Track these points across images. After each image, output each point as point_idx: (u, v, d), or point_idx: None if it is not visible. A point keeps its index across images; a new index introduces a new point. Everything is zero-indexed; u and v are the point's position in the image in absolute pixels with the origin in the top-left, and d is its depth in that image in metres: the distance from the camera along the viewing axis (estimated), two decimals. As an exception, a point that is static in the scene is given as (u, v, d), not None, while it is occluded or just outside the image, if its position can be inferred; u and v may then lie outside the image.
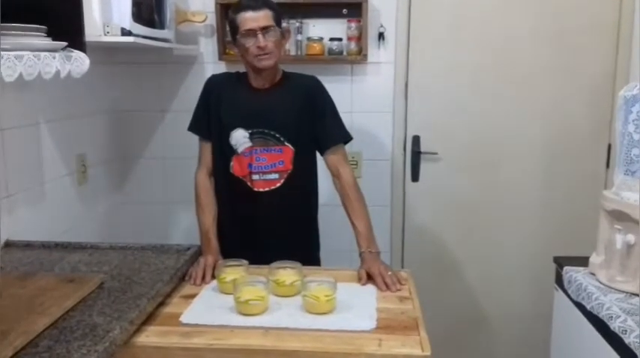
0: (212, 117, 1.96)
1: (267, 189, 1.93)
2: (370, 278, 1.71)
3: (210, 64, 2.76)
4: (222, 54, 2.67)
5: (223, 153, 1.95)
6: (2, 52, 1.33)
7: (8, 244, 1.86)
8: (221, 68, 2.73)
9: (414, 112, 2.76)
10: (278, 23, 1.87)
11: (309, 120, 1.95)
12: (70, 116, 2.35)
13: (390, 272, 1.70)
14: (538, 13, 2.65)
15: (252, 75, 1.94)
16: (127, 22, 2.04)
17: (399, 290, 1.65)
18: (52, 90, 2.15)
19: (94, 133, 2.60)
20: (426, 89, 2.74)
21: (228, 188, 1.97)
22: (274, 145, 1.92)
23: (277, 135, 1.91)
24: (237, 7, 1.86)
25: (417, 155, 2.77)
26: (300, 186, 1.98)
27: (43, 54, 1.46)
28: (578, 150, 2.74)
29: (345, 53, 2.65)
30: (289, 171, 1.93)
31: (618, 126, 1.64)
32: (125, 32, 2.04)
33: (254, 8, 1.81)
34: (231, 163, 1.94)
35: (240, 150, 1.92)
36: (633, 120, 1.59)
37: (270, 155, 1.92)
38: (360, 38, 2.62)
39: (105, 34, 1.99)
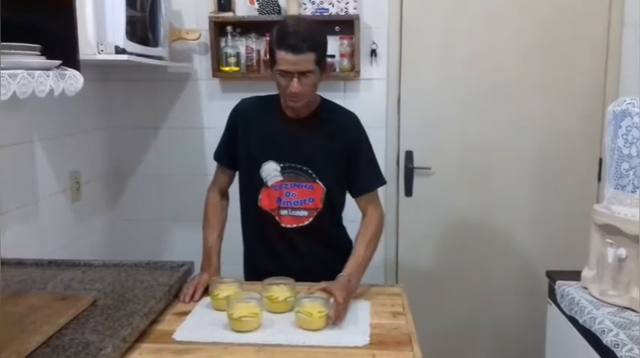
0: (240, 147, 1.86)
1: (294, 225, 1.84)
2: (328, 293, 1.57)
3: (204, 81, 2.78)
4: (216, 71, 2.68)
5: (252, 184, 1.85)
6: (-4, 71, 1.34)
7: (1, 262, 1.85)
8: (215, 85, 2.76)
9: (406, 128, 2.78)
10: (320, 62, 1.70)
11: (344, 162, 1.83)
12: (64, 133, 2.36)
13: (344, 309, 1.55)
14: (527, 28, 2.68)
15: (285, 104, 1.80)
16: (121, 40, 2.06)
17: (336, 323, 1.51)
18: (46, 108, 2.16)
19: (88, 150, 2.61)
20: (418, 104, 2.76)
21: (256, 220, 1.89)
22: (305, 181, 1.82)
23: (310, 171, 1.81)
24: (280, 40, 1.65)
25: (410, 170, 2.79)
26: (329, 225, 1.89)
27: (37, 72, 1.47)
28: (569, 165, 2.76)
29: (337, 70, 2.67)
30: (319, 210, 1.84)
31: (607, 141, 1.66)
32: (119, 50, 2.05)
33: (295, 51, 1.62)
34: (260, 196, 1.84)
35: (270, 183, 1.82)
36: (622, 135, 1.61)
37: (300, 191, 1.82)
38: (352, 55, 2.64)
39: (99, 53, 2.01)
